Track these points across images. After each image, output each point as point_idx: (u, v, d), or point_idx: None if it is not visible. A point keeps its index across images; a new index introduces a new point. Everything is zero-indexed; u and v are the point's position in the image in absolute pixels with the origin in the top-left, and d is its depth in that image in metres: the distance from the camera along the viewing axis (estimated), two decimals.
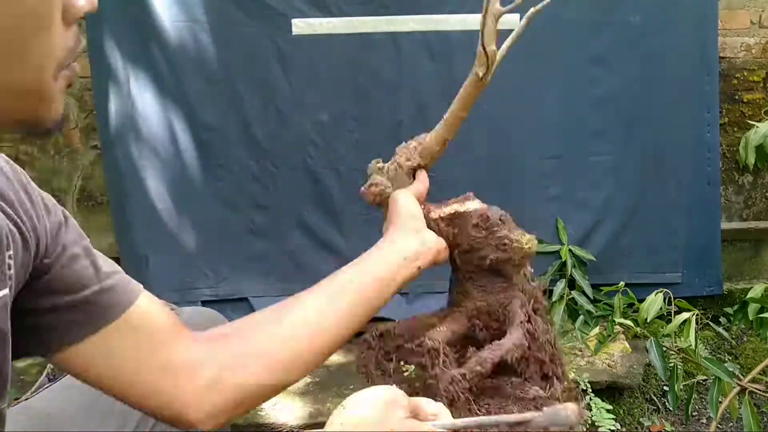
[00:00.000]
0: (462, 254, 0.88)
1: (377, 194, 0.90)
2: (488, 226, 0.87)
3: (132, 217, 2.06)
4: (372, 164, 0.94)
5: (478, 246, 0.87)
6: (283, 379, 0.72)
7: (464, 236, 0.88)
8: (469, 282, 0.89)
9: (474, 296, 0.89)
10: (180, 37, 1.99)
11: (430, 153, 0.91)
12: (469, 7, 2.04)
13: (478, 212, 0.88)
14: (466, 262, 0.89)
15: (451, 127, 0.90)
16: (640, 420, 1.81)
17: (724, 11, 2.31)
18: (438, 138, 0.91)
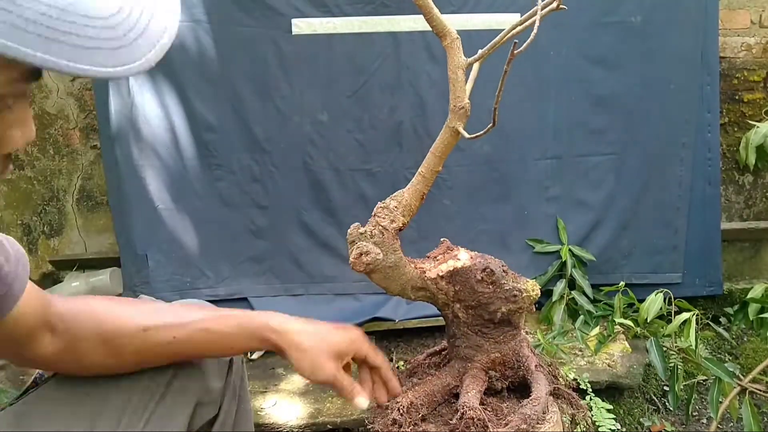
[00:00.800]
0: (468, 309, 0.89)
1: (370, 263, 0.84)
2: (494, 280, 0.87)
3: (132, 217, 2.06)
4: (352, 230, 0.89)
5: (486, 300, 0.87)
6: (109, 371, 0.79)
7: (469, 292, 0.88)
8: (479, 336, 0.90)
9: (487, 349, 0.90)
10: (180, 37, 1.99)
11: (410, 211, 0.89)
12: (469, 7, 2.04)
13: (480, 267, 0.88)
14: (475, 317, 0.89)
15: (428, 183, 0.88)
16: (640, 420, 1.81)
17: (724, 11, 2.31)
18: (416, 194, 0.89)
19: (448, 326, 0.94)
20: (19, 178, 2.37)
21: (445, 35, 0.80)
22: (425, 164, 0.89)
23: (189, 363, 0.83)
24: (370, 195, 2.13)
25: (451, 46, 0.80)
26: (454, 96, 0.82)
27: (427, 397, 0.88)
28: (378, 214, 0.89)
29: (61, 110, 2.35)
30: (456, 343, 0.92)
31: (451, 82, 0.81)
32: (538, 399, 0.84)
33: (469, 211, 2.14)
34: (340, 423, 1.65)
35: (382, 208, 0.89)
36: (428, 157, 0.87)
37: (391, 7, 2.03)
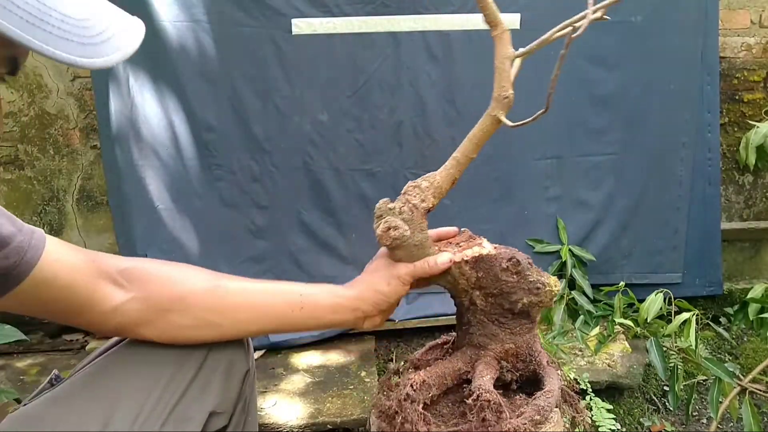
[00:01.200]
0: (488, 297, 0.89)
1: (397, 238, 0.84)
2: (519, 271, 0.87)
3: (132, 217, 2.06)
4: (381, 204, 0.88)
5: (509, 290, 0.87)
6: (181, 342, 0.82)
7: (492, 280, 0.88)
8: (495, 325, 0.89)
9: (502, 339, 0.90)
10: (180, 37, 1.99)
11: (440, 193, 0.87)
12: (470, 7, 2.04)
13: (507, 256, 0.88)
14: (493, 306, 0.89)
15: (461, 168, 0.86)
16: (640, 420, 1.81)
17: (724, 11, 2.31)
18: (448, 177, 0.87)
19: (462, 313, 0.93)
20: (19, 178, 2.37)
21: (496, 25, 0.80)
22: (461, 149, 0.87)
23: (211, 366, 0.82)
24: (370, 195, 2.13)
25: (500, 36, 0.81)
26: (499, 85, 0.82)
27: (438, 379, 0.88)
28: (409, 192, 0.87)
29: (61, 110, 2.35)
30: (470, 330, 0.91)
31: (498, 71, 0.82)
32: (551, 392, 0.85)
33: (469, 211, 2.14)
34: (340, 423, 1.65)
35: (414, 186, 0.87)
36: (465, 142, 0.86)
37: (391, 7, 2.03)
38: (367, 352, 1.99)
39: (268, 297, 0.86)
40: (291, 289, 0.87)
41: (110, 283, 0.78)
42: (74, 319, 0.78)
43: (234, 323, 0.83)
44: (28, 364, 2.02)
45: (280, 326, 0.88)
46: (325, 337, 2.01)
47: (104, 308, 0.77)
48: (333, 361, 1.94)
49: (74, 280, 0.75)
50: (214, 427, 0.83)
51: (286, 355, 1.98)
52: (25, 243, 0.70)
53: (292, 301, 0.85)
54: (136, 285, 0.79)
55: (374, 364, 1.93)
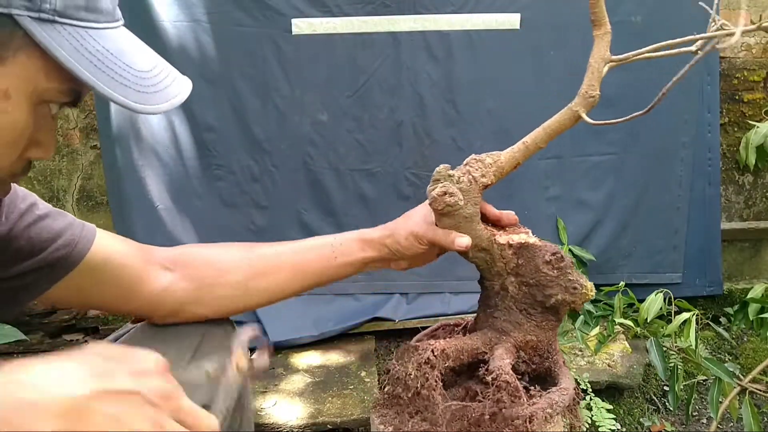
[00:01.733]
0: (522, 286, 0.88)
1: (450, 205, 0.83)
2: (561, 267, 0.86)
3: (132, 217, 2.06)
4: (441, 169, 0.86)
5: (546, 283, 0.86)
6: (231, 313, 0.89)
7: (531, 269, 0.87)
8: (523, 314, 0.88)
9: (526, 329, 0.89)
10: (180, 37, 1.99)
11: (501, 173, 0.87)
12: (470, 7, 2.04)
13: (552, 249, 0.87)
14: (526, 295, 0.88)
15: (527, 154, 0.87)
16: (640, 420, 1.81)
17: (724, 11, 2.31)
18: (512, 160, 0.87)
19: (490, 296, 0.92)
20: None
21: (601, 25, 0.80)
22: (532, 136, 0.88)
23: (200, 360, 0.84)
24: (370, 195, 2.13)
25: (601, 37, 0.81)
26: (589, 84, 0.83)
27: (456, 352, 0.87)
28: (471, 164, 0.87)
29: (62, 110, 2.35)
30: (495, 314, 0.90)
31: (591, 70, 0.83)
32: (566, 390, 0.84)
33: None
34: (340, 423, 1.65)
35: (477, 160, 0.87)
36: (538, 130, 0.87)
37: (391, 7, 2.03)
38: (367, 352, 1.99)
39: (303, 255, 0.89)
40: (322, 243, 0.90)
41: (159, 267, 0.85)
42: (126, 305, 0.85)
43: (278, 285, 0.89)
44: None
45: (320, 280, 0.91)
46: (325, 337, 2.01)
47: (155, 289, 0.83)
48: (333, 361, 1.94)
49: (125, 264, 0.82)
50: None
51: (286, 355, 1.98)
52: (76, 234, 0.78)
53: (326, 254, 0.89)
54: (181, 267, 0.86)
55: (374, 364, 1.93)
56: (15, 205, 0.75)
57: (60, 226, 0.78)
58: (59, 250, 0.76)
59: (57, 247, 0.76)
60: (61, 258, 0.77)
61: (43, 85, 0.55)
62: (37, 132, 0.58)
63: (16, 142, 0.56)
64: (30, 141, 0.58)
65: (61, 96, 0.57)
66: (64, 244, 0.77)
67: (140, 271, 0.83)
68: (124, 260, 0.82)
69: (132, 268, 0.82)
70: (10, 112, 0.54)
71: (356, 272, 0.91)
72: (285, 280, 0.89)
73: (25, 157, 0.59)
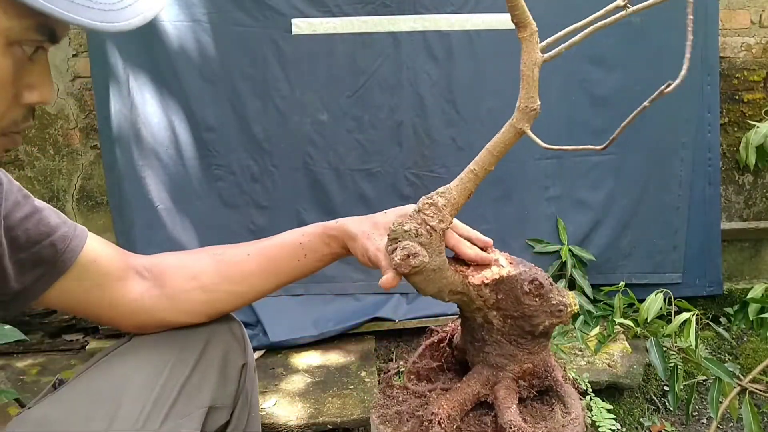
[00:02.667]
0: (506, 319, 0.86)
1: (416, 266, 0.78)
2: (542, 294, 0.84)
3: (132, 217, 2.06)
4: (396, 226, 0.80)
5: (531, 313, 0.84)
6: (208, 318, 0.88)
7: (513, 302, 0.84)
8: (514, 345, 0.87)
9: (521, 359, 0.87)
10: (180, 37, 1.99)
11: (456, 209, 0.82)
12: (470, 7, 2.04)
13: (528, 277, 0.84)
14: (513, 327, 0.86)
15: (478, 181, 0.81)
16: (640, 420, 1.81)
17: (724, 11, 2.31)
18: (465, 192, 0.81)
19: (474, 329, 0.90)
20: (18, 178, 2.37)
21: (525, 26, 0.73)
22: (479, 162, 0.81)
23: (206, 362, 0.84)
24: (370, 195, 2.13)
25: (528, 39, 0.74)
26: (527, 96, 0.75)
27: (459, 407, 0.86)
28: (425, 211, 0.80)
29: (61, 110, 2.35)
30: (485, 349, 0.88)
31: (525, 79, 0.75)
32: (577, 418, 0.83)
33: (469, 211, 2.13)
34: (340, 423, 1.65)
35: (430, 205, 0.81)
36: (483, 154, 0.81)
37: (391, 7, 2.03)
38: (367, 352, 1.99)
39: (272, 256, 0.91)
40: (291, 241, 0.91)
41: (136, 274, 0.85)
42: (109, 311, 0.84)
43: (251, 287, 0.89)
44: (28, 364, 2.02)
45: (291, 278, 0.92)
46: (325, 337, 2.01)
47: (134, 296, 0.84)
48: (333, 361, 1.94)
49: (109, 269, 0.82)
50: (216, 423, 0.83)
51: (286, 355, 1.98)
52: (69, 233, 0.79)
53: (295, 253, 0.90)
54: (154, 275, 0.86)
55: (374, 364, 1.93)
56: (11, 193, 0.75)
57: (55, 221, 0.78)
58: (54, 245, 0.76)
59: (52, 241, 0.76)
60: (56, 254, 0.77)
61: (5, 23, 0.53)
62: (23, 75, 0.57)
63: (1, 86, 0.55)
64: (20, 85, 0.57)
65: (30, 33, 0.55)
66: (60, 238, 0.77)
67: (122, 277, 0.83)
68: (109, 264, 0.83)
69: (115, 274, 0.83)
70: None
71: (327, 265, 0.91)
72: (257, 283, 0.89)
73: (22, 103, 0.58)
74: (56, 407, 0.76)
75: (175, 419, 0.77)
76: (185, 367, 0.81)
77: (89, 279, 0.81)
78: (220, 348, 0.87)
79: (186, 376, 0.81)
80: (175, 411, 0.77)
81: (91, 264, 0.80)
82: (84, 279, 0.80)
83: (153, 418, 0.75)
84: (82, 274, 0.80)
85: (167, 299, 0.85)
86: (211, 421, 0.82)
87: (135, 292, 0.84)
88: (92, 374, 0.81)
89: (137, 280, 0.85)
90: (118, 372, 0.80)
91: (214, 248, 0.92)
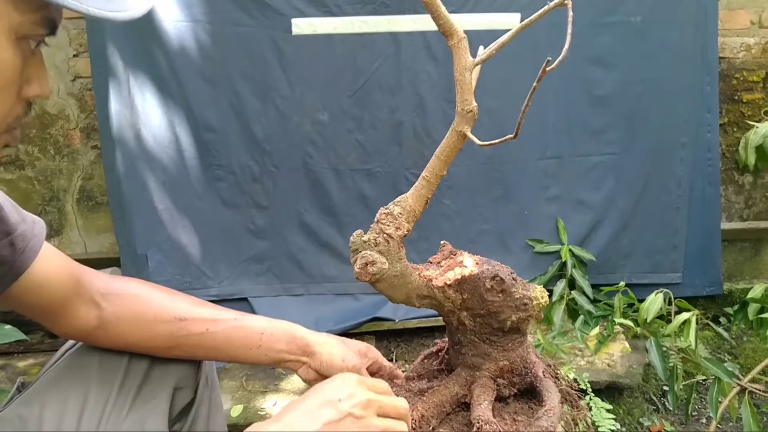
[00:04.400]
0: (476, 318, 0.87)
1: (376, 273, 0.81)
2: (504, 289, 0.85)
3: (132, 217, 2.06)
4: (355, 237, 0.85)
5: (496, 309, 0.86)
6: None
7: (477, 300, 0.86)
8: (487, 344, 0.88)
9: (495, 357, 0.88)
10: (180, 37, 1.99)
11: (414, 216, 0.85)
12: (470, 7, 2.04)
13: (489, 274, 0.86)
14: (483, 326, 0.87)
15: (432, 187, 0.84)
16: (640, 420, 1.82)
17: (724, 11, 2.31)
18: (420, 199, 0.84)
19: (452, 333, 0.92)
20: (19, 178, 2.37)
21: (451, 34, 0.75)
22: (430, 168, 0.84)
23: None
24: (370, 195, 2.13)
25: (457, 46, 0.76)
26: (462, 99, 0.78)
27: (436, 408, 0.87)
28: (382, 221, 0.84)
29: (62, 110, 2.35)
30: (462, 350, 0.90)
31: (458, 84, 0.77)
32: (552, 410, 0.84)
33: (469, 211, 2.14)
34: None
35: (386, 214, 0.84)
36: (433, 161, 0.84)
37: (391, 7, 2.03)
38: None
39: (228, 339, 0.88)
40: (252, 328, 0.89)
41: (87, 301, 0.82)
42: (51, 326, 0.83)
43: (192, 356, 0.88)
44: (28, 364, 2.02)
45: (234, 361, 0.92)
46: None
47: (75, 325, 0.82)
48: None
49: (53, 298, 0.79)
50: (182, 402, 0.86)
51: None
52: (28, 232, 0.76)
53: (252, 342, 0.88)
54: (112, 308, 0.83)
55: None
56: None
57: (15, 219, 0.75)
58: (14, 244, 0.73)
59: (11, 240, 0.73)
60: (15, 253, 0.74)
61: (17, 18, 0.54)
62: (25, 69, 0.58)
63: (10, 82, 0.56)
64: (21, 80, 0.58)
65: (37, 27, 0.56)
66: (19, 237, 0.74)
67: (66, 304, 0.81)
68: (53, 293, 0.79)
69: (60, 295, 0.80)
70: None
71: (270, 363, 0.92)
72: (202, 356, 0.89)
73: (22, 97, 0.59)
74: (26, 406, 0.77)
75: (143, 403, 0.79)
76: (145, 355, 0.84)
77: (31, 297, 0.78)
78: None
79: (149, 359, 0.84)
80: (142, 395, 0.80)
81: (36, 288, 0.77)
82: (26, 295, 0.77)
83: (119, 405, 0.77)
84: (25, 291, 0.77)
85: (114, 338, 0.83)
86: (178, 400, 0.85)
87: (77, 322, 0.82)
88: (56, 374, 0.82)
89: (83, 309, 0.82)
90: (82, 364, 0.82)
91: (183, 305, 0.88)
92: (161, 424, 0.78)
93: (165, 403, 0.81)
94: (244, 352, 0.88)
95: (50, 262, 0.79)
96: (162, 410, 0.80)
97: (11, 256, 0.73)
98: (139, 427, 0.76)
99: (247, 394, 1.77)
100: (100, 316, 0.82)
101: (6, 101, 0.56)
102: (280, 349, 0.89)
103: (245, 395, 1.76)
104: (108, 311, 0.82)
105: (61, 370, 0.82)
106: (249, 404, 1.72)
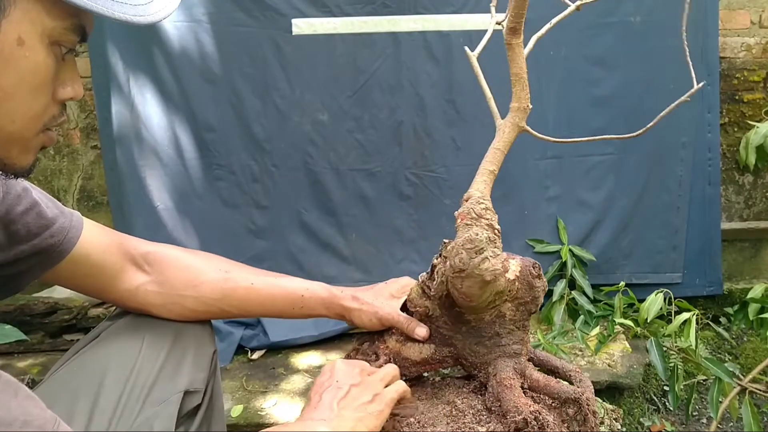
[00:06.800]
0: (519, 306, 0.88)
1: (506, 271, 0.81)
2: (541, 274, 0.89)
3: (132, 217, 2.07)
4: (477, 236, 0.82)
5: (539, 294, 0.88)
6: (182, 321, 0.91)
7: (527, 288, 0.88)
8: (521, 330, 0.89)
9: (527, 340, 0.91)
10: (180, 37, 1.99)
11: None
12: (470, 7, 2.04)
13: (530, 262, 0.88)
14: (522, 313, 0.89)
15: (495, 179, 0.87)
16: (641, 420, 1.81)
17: (724, 11, 2.31)
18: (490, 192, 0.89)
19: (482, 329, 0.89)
20: None
21: (520, 33, 0.80)
22: (495, 162, 0.88)
23: (180, 348, 0.87)
24: (370, 195, 2.13)
25: (520, 45, 0.79)
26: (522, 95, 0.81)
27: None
28: (486, 217, 0.85)
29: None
30: (501, 342, 0.88)
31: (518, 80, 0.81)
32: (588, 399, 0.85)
33: None
34: None
35: (485, 209, 0.85)
36: (496, 154, 0.87)
37: (391, 7, 2.03)
38: None
39: (273, 294, 0.95)
40: (293, 290, 0.96)
41: (133, 265, 0.89)
42: (105, 295, 0.90)
43: (241, 311, 0.94)
44: (28, 364, 2.02)
45: (279, 317, 0.99)
46: (325, 337, 2.01)
47: (128, 287, 0.88)
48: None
49: (104, 261, 0.87)
50: (190, 406, 0.86)
51: (286, 355, 1.98)
52: (66, 223, 0.83)
53: (294, 300, 0.95)
54: (157, 271, 0.90)
55: None
56: (13, 186, 0.78)
57: (53, 212, 0.82)
58: (52, 237, 0.81)
59: (51, 233, 0.80)
60: (53, 245, 0.81)
61: (49, 24, 0.57)
62: (59, 73, 0.61)
63: (44, 84, 0.59)
64: (56, 83, 0.61)
65: (68, 33, 0.59)
66: (57, 231, 0.81)
67: (117, 269, 0.88)
68: (104, 256, 0.87)
69: (109, 267, 0.87)
70: (28, 56, 0.56)
71: (314, 318, 0.99)
72: (250, 311, 0.95)
73: (57, 99, 0.62)
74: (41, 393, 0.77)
75: (153, 404, 0.79)
76: (160, 354, 0.85)
77: (82, 270, 0.85)
78: (192, 335, 0.91)
79: (161, 362, 0.84)
80: (153, 397, 0.80)
81: (85, 258, 0.84)
82: (78, 268, 0.84)
83: (131, 405, 0.78)
84: (75, 265, 0.83)
85: (161, 297, 0.89)
86: (186, 403, 0.85)
87: (128, 284, 0.88)
88: (69, 370, 0.83)
89: (132, 273, 0.89)
90: (93, 364, 0.82)
91: (222, 262, 0.96)
92: (168, 426, 0.79)
93: (174, 406, 0.81)
94: (287, 310, 0.95)
95: (96, 238, 0.86)
96: (170, 413, 0.80)
97: (50, 248, 0.80)
98: (147, 428, 0.77)
99: (247, 394, 1.77)
100: (150, 274, 0.89)
101: (41, 101, 0.60)
102: (319, 312, 0.96)
103: (245, 395, 1.76)
104: (157, 269, 0.89)
105: (73, 370, 0.83)
106: (249, 404, 1.71)
